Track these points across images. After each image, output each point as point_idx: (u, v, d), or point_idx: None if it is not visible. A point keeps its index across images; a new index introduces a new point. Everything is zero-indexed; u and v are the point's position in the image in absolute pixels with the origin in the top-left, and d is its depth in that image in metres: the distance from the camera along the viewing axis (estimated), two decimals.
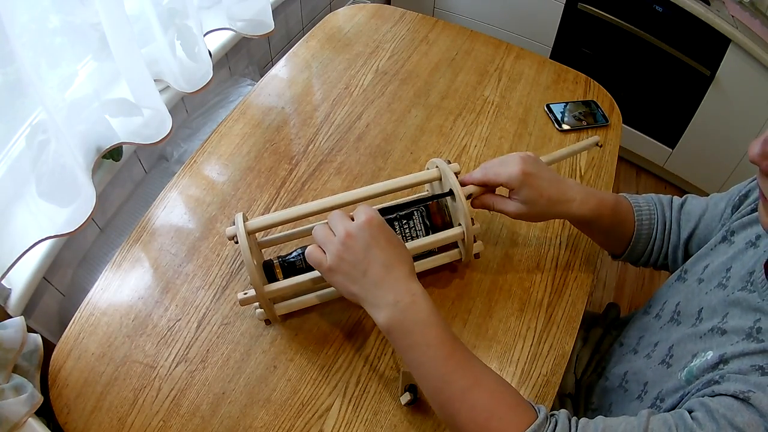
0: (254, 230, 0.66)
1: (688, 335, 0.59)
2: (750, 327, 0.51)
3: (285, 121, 0.96)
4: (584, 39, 1.81)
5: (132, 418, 0.63)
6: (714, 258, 0.63)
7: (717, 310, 0.57)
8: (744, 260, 0.58)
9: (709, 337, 0.56)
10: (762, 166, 0.45)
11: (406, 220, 0.70)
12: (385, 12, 1.20)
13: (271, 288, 0.64)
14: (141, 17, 0.91)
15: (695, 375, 0.53)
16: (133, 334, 0.70)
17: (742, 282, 0.56)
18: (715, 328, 0.56)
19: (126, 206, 1.11)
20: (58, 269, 0.95)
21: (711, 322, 0.57)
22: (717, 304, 0.58)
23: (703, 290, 0.62)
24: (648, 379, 0.63)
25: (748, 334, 0.51)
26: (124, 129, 0.92)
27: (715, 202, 0.71)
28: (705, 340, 0.56)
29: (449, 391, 0.52)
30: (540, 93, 1.05)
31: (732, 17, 1.52)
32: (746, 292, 0.55)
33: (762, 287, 0.53)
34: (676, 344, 0.61)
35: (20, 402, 0.62)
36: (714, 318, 0.57)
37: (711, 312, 0.58)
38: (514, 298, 0.76)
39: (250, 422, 0.63)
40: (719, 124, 1.69)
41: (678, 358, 0.59)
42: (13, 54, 0.66)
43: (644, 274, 1.80)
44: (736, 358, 0.50)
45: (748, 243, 0.59)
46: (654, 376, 0.62)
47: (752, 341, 0.50)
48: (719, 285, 0.59)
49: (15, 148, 0.81)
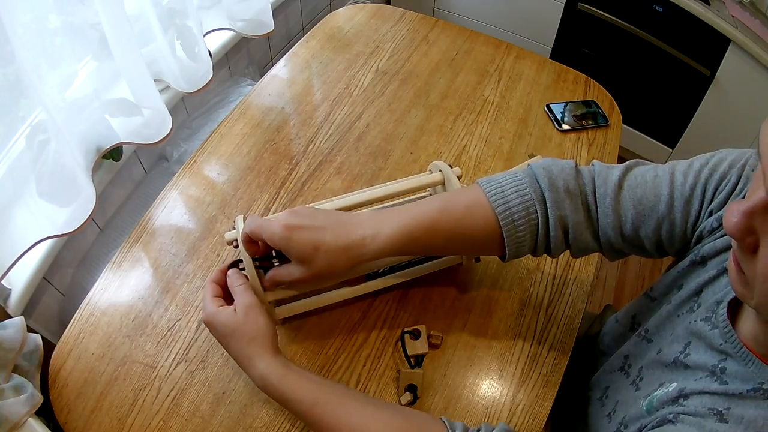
0: None
1: (657, 362, 0.56)
2: (713, 365, 0.48)
3: (285, 121, 0.96)
4: (584, 39, 1.81)
5: (132, 418, 0.63)
6: (688, 280, 0.57)
7: (680, 337, 0.54)
8: (716, 287, 0.53)
9: (673, 369, 0.53)
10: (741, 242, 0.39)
11: None
12: (385, 12, 1.20)
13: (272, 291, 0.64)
14: (141, 17, 0.91)
15: (655, 406, 0.51)
16: (133, 334, 0.70)
17: (707, 311, 0.52)
18: (678, 361, 0.52)
19: (126, 206, 1.11)
20: (58, 269, 0.95)
21: (674, 349, 0.54)
22: (681, 331, 0.54)
23: (675, 313, 0.57)
24: (620, 398, 0.61)
25: (712, 372, 0.48)
26: (124, 129, 0.92)
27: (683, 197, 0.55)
28: (671, 370, 0.53)
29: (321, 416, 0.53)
30: (540, 93, 1.05)
31: (732, 17, 1.52)
32: (708, 326, 0.50)
33: (723, 327, 0.49)
34: (646, 367, 0.58)
35: (20, 402, 0.62)
36: (676, 345, 0.54)
37: (675, 338, 0.55)
38: (514, 298, 0.76)
39: (250, 422, 0.63)
40: (719, 124, 1.69)
41: (647, 383, 0.56)
42: (13, 54, 0.66)
43: (644, 274, 1.80)
44: (696, 395, 0.47)
45: (721, 269, 0.53)
46: (625, 397, 0.59)
47: (715, 380, 0.47)
48: (689, 310, 0.55)
49: (15, 148, 0.81)
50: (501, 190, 0.57)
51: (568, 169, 0.58)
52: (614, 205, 0.56)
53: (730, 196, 0.52)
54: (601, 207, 0.57)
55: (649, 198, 0.55)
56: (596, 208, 0.57)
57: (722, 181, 0.53)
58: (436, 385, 0.67)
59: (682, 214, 0.54)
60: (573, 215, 0.57)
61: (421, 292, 0.75)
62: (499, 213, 0.57)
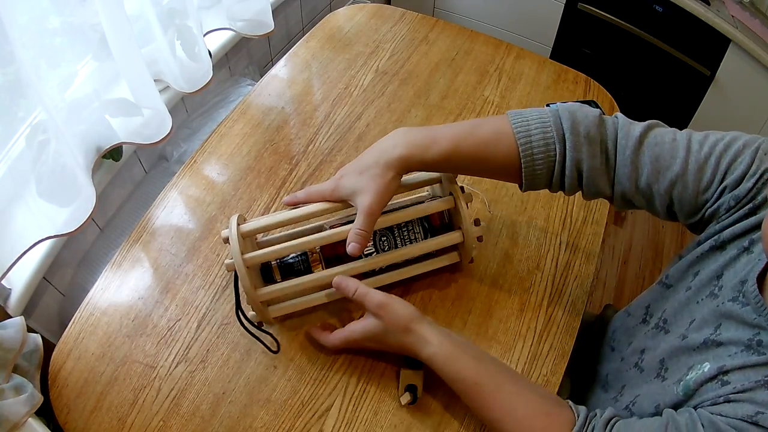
0: (249, 233, 0.65)
1: (681, 348, 0.57)
2: (749, 339, 0.50)
3: (285, 121, 0.96)
4: (584, 39, 1.81)
5: (132, 418, 0.63)
6: (705, 266, 0.59)
7: (708, 321, 0.55)
8: (737, 268, 0.55)
9: (703, 350, 0.54)
10: None
11: (404, 224, 0.70)
12: (385, 12, 1.20)
13: (264, 291, 0.64)
14: (141, 17, 0.91)
15: (692, 388, 0.52)
16: (133, 334, 0.70)
17: (733, 292, 0.53)
18: (709, 341, 0.54)
19: (126, 206, 1.11)
20: (58, 269, 0.95)
21: (703, 333, 0.55)
22: (708, 315, 0.55)
23: (694, 300, 0.59)
24: (641, 392, 0.61)
25: (748, 346, 0.50)
26: (124, 129, 0.92)
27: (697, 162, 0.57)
28: (699, 352, 0.54)
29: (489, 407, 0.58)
30: (540, 93, 1.05)
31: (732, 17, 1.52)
32: (738, 305, 0.52)
33: (756, 302, 0.50)
34: (667, 357, 0.59)
35: (20, 402, 0.62)
36: (705, 329, 0.55)
37: (702, 323, 0.56)
38: (514, 298, 0.76)
39: (250, 422, 0.63)
40: (719, 124, 1.68)
41: (673, 371, 0.57)
42: (13, 54, 0.66)
43: (644, 274, 1.80)
44: (738, 370, 0.49)
45: (741, 249, 0.55)
46: (648, 389, 0.60)
47: (753, 353, 0.49)
48: (711, 295, 0.57)
49: (15, 148, 0.81)
50: (526, 124, 0.60)
51: (592, 116, 0.60)
52: (633, 157, 0.58)
53: (744, 176, 0.54)
54: (621, 158, 0.59)
55: (666, 157, 0.57)
56: (615, 157, 0.59)
57: (736, 158, 0.55)
58: (436, 385, 0.67)
59: (694, 178, 0.56)
60: (589, 160, 0.59)
61: (421, 292, 0.75)
62: (520, 145, 0.59)
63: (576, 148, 0.59)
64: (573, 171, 0.60)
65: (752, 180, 0.54)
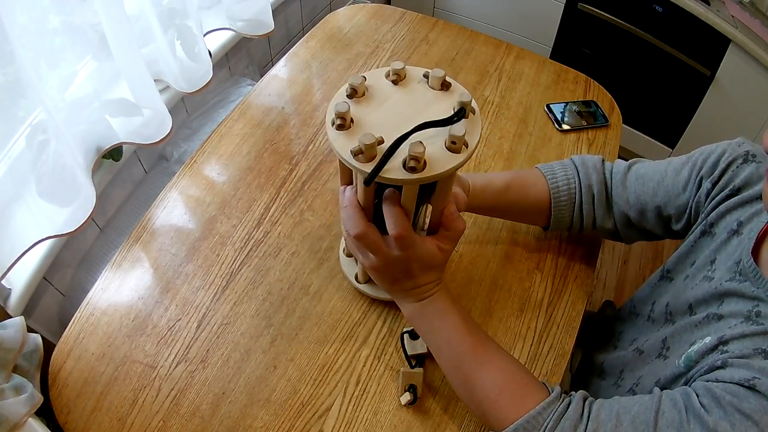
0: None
1: (682, 326, 0.59)
2: (748, 311, 0.51)
3: (285, 121, 0.96)
4: (584, 39, 1.81)
5: (132, 418, 0.63)
6: (698, 253, 0.63)
7: (708, 301, 0.57)
8: (728, 251, 0.58)
9: (704, 325, 0.56)
10: None
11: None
12: (385, 12, 1.20)
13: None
14: (141, 17, 0.91)
15: (694, 359, 0.53)
16: (133, 334, 0.70)
17: (729, 273, 0.56)
18: (711, 315, 0.56)
19: (126, 206, 1.11)
20: (58, 269, 0.95)
21: (704, 311, 0.57)
22: (706, 296, 0.57)
23: (689, 286, 0.62)
24: (643, 373, 0.63)
25: (747, 317, 0.51)
26: (124, 129, 0.92)
27: (675, 169, 0.67)
28: (701, 327, 0.56)
29: (464, 369, 0.56)
30: (540, 93, 1.05)
31: (732, 17, 1.52)
32: (736, 283, 0.54)
33: (753, 275, 0.53)
34: (669, 337, 0.61)
35: (20, 402, 0.62)
36: (707, 308, 0.57)
37: (702, 304, 0.58)
38: (514, 298, 0.76)
39: (250, 422, 0.63)
40: (719, 124, 1.68)
41: (674, 349, 0.59)
42: (13, 54, 0.66)
43: (644, 273, 1.80)
44: (736, 340, 0.50)
45: (730, 232, 0.58)
46: (650, 369, 0.62)
47: (752, 324, 0.50)
48: (704, 278, 0.59)
49: (15, 148, 0.81)
50: (551, 168, 0.74)
51: (597, 158, 0.74)
52: (622, 179, 0.70)
53: (717, 162, 0.62)
54: (614, 181, 0.71)
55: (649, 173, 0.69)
56: (611, 181, 0.71)
57: (710, 154, 0.63)
58: (436, 385, 0.67)
59: (673, 181, 0.66)
60: (597, 185, 0.71)
61: None
62: (548, 181, 0.72)
63: (587, 176, 0.71)
64: (588, 196, 0.71)
65: (725, 163, 0.61)
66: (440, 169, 0.50)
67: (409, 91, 0.56)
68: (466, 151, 0.51)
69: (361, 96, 0.55)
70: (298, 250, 0.79)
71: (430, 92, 0.55)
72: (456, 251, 0.80)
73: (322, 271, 0.76)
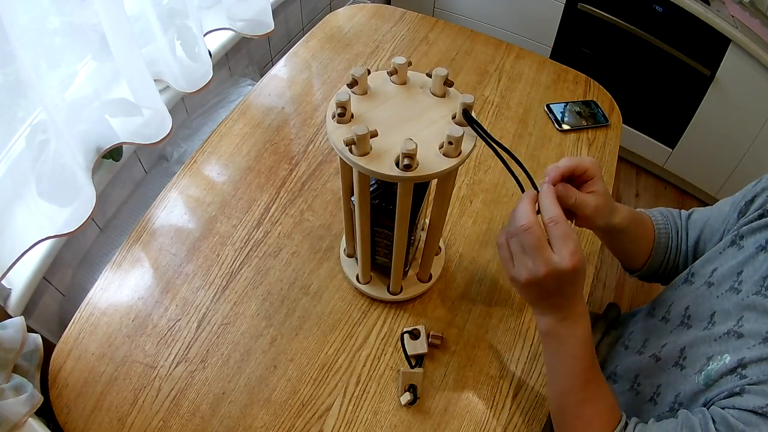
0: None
1: (701, 338, 0.59)
2: (767, 332, 0.52)
3: (285, 121, 0.96)
4: (584, 39, 1.81)
5: (132, 418, 0.63)
6: (722, 262, 0.63)
7: (731, 314, 0.58)
8: (756, 265, 0.58)
9: (724, 341, 0.56)
10: None
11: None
12: (385, 12, 1.20)
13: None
14: (141, 17, 0.91)
15: (713, 378, 0.54)
16: (133, 334, 0.70)
17: (756, 286, 0.56)
18: (731, 332, 0.56)
19: (126, 206, 1.11)
20: (58, 269, 0.95)
21: (725, 325, 0.57)
22: (731, 308, 0.58)
23: (714, 294, 0.62)
24: (661, 382, 0.63)
25: (765, 338, 0.52)
26: (124, 129, 0.92)
27: (719, 207, 0.71)
28: (720, 343, 0.56)
29: (570, 398, 0.57)
30: (540, 93, 1.05)
31: (732, 17, 1.52)
32: (761, 297, 0.55)
33: None
34: (688, 347, 0.61)
35: (20, 402, 0.62)
36: (728, 321, 0.57)
37: (725, 315, 0.58)
38: (514, 298, 0.75)
39: (250, 422, 0.63)
40: (719, 124, 1.68)
41: (692, 360, 0.59)
42: (13, 54, 0.66)
43: None
44: (755, 364, 0.50)
45: (759, 247, 0.59)
46: (668, 379, 0.62)
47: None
48: (731, 289, 0.60)
49: (15, 148, 0.81)
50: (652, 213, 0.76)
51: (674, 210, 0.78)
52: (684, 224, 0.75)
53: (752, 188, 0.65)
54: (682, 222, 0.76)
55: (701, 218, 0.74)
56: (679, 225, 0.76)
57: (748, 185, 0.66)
58: (436, 385, 0.67)
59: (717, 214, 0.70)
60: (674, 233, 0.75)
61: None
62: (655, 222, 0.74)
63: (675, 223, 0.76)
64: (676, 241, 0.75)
65: (760, 188, 0.63)
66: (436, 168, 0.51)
67: (410, 95, 0.58)
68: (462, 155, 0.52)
69: (363, 93, 0.57)
70: (298, 250, 0.79)
71: (430, 98, 0.58)
72: (456, 251, 0.80)
73: (322, 271, 0.77)
